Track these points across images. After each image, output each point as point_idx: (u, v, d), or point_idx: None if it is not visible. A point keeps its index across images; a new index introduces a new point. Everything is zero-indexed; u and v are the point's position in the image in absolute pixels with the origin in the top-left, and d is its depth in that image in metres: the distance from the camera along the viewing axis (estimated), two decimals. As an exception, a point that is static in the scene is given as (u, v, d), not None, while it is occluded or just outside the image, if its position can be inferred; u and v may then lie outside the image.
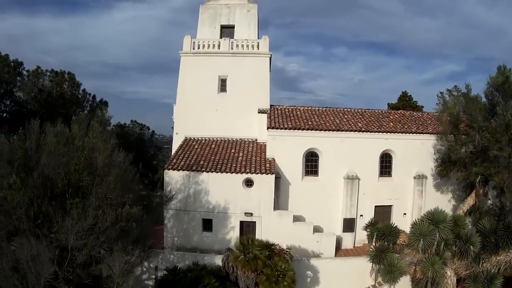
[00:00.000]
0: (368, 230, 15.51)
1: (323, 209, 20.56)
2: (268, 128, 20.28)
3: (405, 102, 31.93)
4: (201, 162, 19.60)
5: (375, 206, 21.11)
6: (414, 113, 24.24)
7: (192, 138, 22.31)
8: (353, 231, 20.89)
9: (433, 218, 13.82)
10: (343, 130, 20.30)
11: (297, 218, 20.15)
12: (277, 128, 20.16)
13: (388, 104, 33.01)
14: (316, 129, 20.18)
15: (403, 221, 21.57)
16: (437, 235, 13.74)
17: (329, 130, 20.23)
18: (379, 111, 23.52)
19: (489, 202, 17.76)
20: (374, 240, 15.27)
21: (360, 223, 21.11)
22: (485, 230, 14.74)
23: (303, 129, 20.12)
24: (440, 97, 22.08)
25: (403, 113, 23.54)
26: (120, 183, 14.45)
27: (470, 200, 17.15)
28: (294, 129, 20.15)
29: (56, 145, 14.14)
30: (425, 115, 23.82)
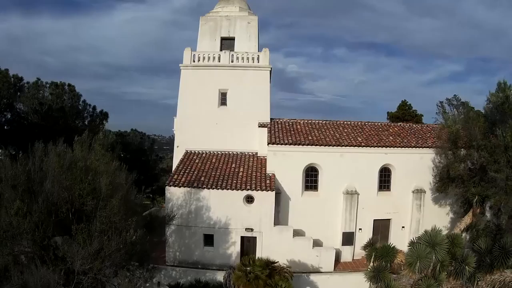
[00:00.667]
0: (366, 250, 16.02)
1: (323, 223, 21.09)
2: (268, 143, 20.72)
3: (405, 111, 32.30)
4: (202, 178, 20.06)
5: (374, 220, 21.62)
6: (414, 125, 24.64)
7: (193, 151, 22.75)
8: (352, 245, 21.42)
9: (430, 241, 14.33)
10: (343, 145, 20.74)
11: (297, 232, 20.69)
12: (277, 144, 20.61)
13: (388, 113, 33.45)
14: (316, 144, 20.63)
15: (401, 234, 22.21)
16: (434, 257, 14.28)
17: (329, 145, 20.67)
18: (379, 124, 23.94)
19: (487, 219, 18.24)
20: (372, 260, 15.82)
21: (359, 237, 21.77)
22: (481, 250, 15.30)
23: (303, 144, 20.56)
24: (439, 106, 22.51)
25: (402, 126, 23.95)
26: (123, 205, 14.96)
27: (468, 219, 17.65)
28: (295, 144, 20.59)
29: (59, 170, 14.59)
30: (424, 127, 24.24)
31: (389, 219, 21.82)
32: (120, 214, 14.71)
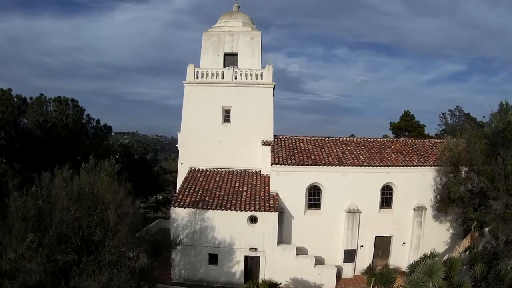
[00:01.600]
0: (366, 275, 16.71)
1: (325, 241, 21.77)
2: (272, 164, 21.29)
3: (407, 122, 32.69)
4: (207, 199, 20.69)
5: (376, 237, 22.30)
6: (416, 141, 25.11)
7: (197, 169, 23.34)
8: (354, 261, 22.16)
9: (428, 269, 15.00)
10: (345, 165, 21.29)
11: (299, 250, 21.41)
12: (280, 164, 21.17)
13: (391, 123, 33.83)
14: (319, 164, 21.19)
15: (402, 249, 22.94)
16: (431, 284, 14.98)
17: (332, 165, 21.22)
18: (381, 140, 24.45)
19: (485, 243, 18.84)
20: (372, 285, 16.52)
21: (361, 253, 22.51)
22: (477, 275, 15.99)
23: (306, 165, 21.12)
24: (442, 118, 23.09)
25: (404, 142, 24.45)
26: (131, 234, 15.64)
27: (466, 242, 18.29)
28: (298, 164, 21.15)
29: (68, 202, 15.22)
30: (426, 143, 24.74)
31: (390, 236, 22.48)
32: (128, 244, 15.47)
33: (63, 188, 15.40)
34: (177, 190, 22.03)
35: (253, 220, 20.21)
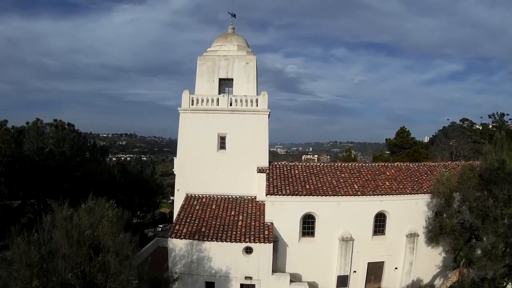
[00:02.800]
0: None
1: (318, 267, 23.07)
2: (266, 194, 22.53)
3: (403, 139, 33.76)
4: (203, 229, 21.97)
5: (368, 263, 23.70)
6: (411, 165, 26.21)
7: (193, 195, 24.57)
8: (347, 286, 23.64)
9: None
10: (339, 195, 22.53)
11: (293, 276, 22.78)
12: (275, 194, 22.42)
13: (387, 140, 34.91)
14: (313, 194, 22.45)
15: (394, 274, 24.32)
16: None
17: (326, 195, 22.47)
18: (376, 166, 25.55)
19: (472, 279, 20.26)
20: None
21: (353, 278, 23.95)
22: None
23: (300, 195, 22.40)
24: (440, 135, 24.23)
25: (399, 167, 25.61)
26: (132, 275, 17.06)
27: (454, 277, 19.65)
28: (292, 195, 22.30)
29: (69, 249, 16.55)
30: (421, 167, 25.86)
31: (383, 261, 23.93)
32: (129, 286, 16.90)
33: (64, 235, 16.73)
34: (174, 219, 23.40)
35: (248, 250, 21.55)
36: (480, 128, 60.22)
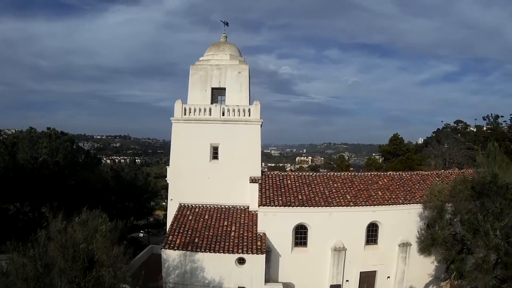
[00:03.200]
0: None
1: (311, 276, 23.38)
2: (259, 205, 22.89)
3: (396, 146, 34.26)
4: (196, 240, 22.29)
5: (361, 272, 24.13)
6: (403, 174, 26.61)
7: (186, 205, 24.87)
8: (340, 296, 24.18)
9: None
10: (332, 205, 22.92)
11: (286, 285, 23.06)
12: (268, 205, 22.78)
13: (380, 146, 35.37)
14: (306, 205, 22.86)
15: (386, 283, 24.73)
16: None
17: (319, 205, 22.85)
18: (369, 175, 25.93)
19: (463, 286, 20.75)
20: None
21: (346, 287, 24.52)
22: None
23: (293, 206, 22.80)
24: (434, 141, 24.66)
25: (392, 176, 25.99)
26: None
27: (445, 288, 20.25)
28: (285, 205, 22.64)
29: (65, 263, 16.88)
30: (414, 176, 26.29)
31: (375, 271, 24.38)
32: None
33: (59, 248, 17.05)
34: (167, 229, 23.75)
35: (241, 261, 21.88)
36: (474, 130, 60.93)
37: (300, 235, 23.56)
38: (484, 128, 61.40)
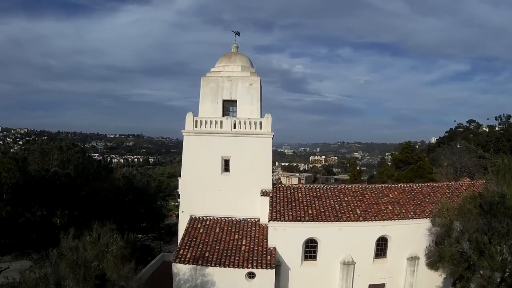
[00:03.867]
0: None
1: (320, 289, 24.24)
2: (269, 220, 23.35)
3: (408, 155, 34.24)
4: (206, 254, 22.87)
5: (369, 285, 24.58)
6: (414, 186, 26.81)
7: (197, 217, 25.43)
8: (348, 307, 24.66)
9: None
10: (341, 220, 23.28)
11: (296, 298, 23.93)
12: (278, 220, 23.21)
13: (392, 154, 35.34)
14: (316, 220, 23.24)
15: (395, 296, 25.35)
16: None
17: (328, 220, 23.24)
18: (379, 188, 26.13)
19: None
20: None
21: (355, 300, 24.96)
22: None
23: (303, 221, 23.20)
24: (444, 153, 24.74)
25: (402, 189, 26.16)
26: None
27: (453, 307, 20.52)
28: (295, 220, 23.11)
29: (76, 284, 17.60)
30: (424, 188, 26.50)
31: (384, 283, 24.76)
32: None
33: (70, 268, 17.75)
34: (178, 242, 24.38)
35: (251, 275, 22.41)
36: (487, 130, 60.34)
37: (310, 249, 24.01)
38: (497, 128, 60.85)
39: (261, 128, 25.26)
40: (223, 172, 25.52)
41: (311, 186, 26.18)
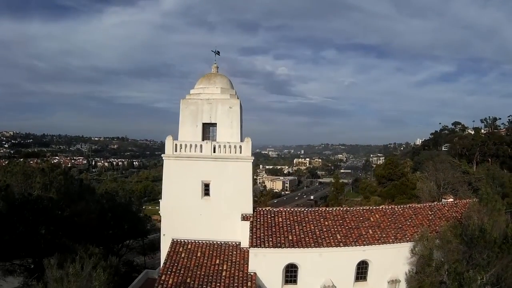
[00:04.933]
0: None
1: (301, 313, 24.62)
2: (249, 247, 23.66)
3: (391, 171, 34.71)
4: (188, 280, 23.05)
5: (350, 307, 25.14)
6: (396, 208, 27.23)
7: (179, 241, 25.56)
8: (329, 330, 25.09)
9: None
10: (322, 246, 23.69)
11: (277, 323, 24.30)
12: (258, 247, 23.53)
13: (374, 170, 35.73)
14: (296, 246, 23.58)
15: (376, 318, 25.85)
16: None
17: (309, 246, 23.60)
18: (360, 211, 26.59)
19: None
20: None
21: (335, 323, 25.40)
22: None
23: (283, 247, 23.53)
24: (428, 167, 25.11)
25: (384, 211, 26.55)
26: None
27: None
28: (275, 247, 23.47)
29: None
30: (406, 210, 26.97)
31: (365, 306, 25.33)
32: None
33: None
34: (160, 268, 24.58)
35: (232, 302, 22.87)
36: (472, 133, 61.27)
37: (291, 273, 24.41)
38: (483, 131, 61.84)
39: (241, 152, 25.49)
40: (203, 196, 25.77)
41: (292, 209, 26.52)
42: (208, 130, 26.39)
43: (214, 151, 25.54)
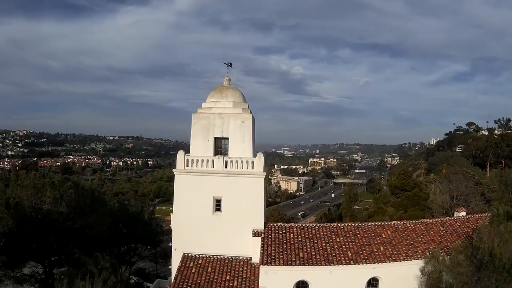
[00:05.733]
0: None
1: (311, 329, 24.78)
2: (260, 264, 23.89)
3: (404, 181, 34.47)
4: (198, 297, 23.60)
5: (360, 324, 25.21)
6: (408, 224, 27.23)
7: (190, 256, 25.93)
8: None
9: None
10: (332, 264, 23.80)
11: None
12: (269, 264, 23.74)
13: (388, 180, 35.60)
14: (307, 264, 23.73)
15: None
16: None
17: (319, 264, 23.74)
18: (372, 227, 26.61)
19: None
20: None
21: None
22: None
23: (294, 265, 23.69)
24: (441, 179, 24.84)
25: (396, 227, 26.60)
26: None
27: None
28: (286, 265, 23.67)
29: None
30: (418, 225, 26.90)
31: (375, 323, 25.37)
32: None
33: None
34: (171, 283, 24.96)
35: (242, 319, 23.16)
36: (486, 133, 60.44)
37: (301, 291, 24.48)
38: (496, 132, 60.98)
39: (253, 168, 25.65)
40: (214, 212, 26.04)
41: (303, 225, 26.68)
42: (220, 144, 26.55)
43: (226, 166, 25.73)
